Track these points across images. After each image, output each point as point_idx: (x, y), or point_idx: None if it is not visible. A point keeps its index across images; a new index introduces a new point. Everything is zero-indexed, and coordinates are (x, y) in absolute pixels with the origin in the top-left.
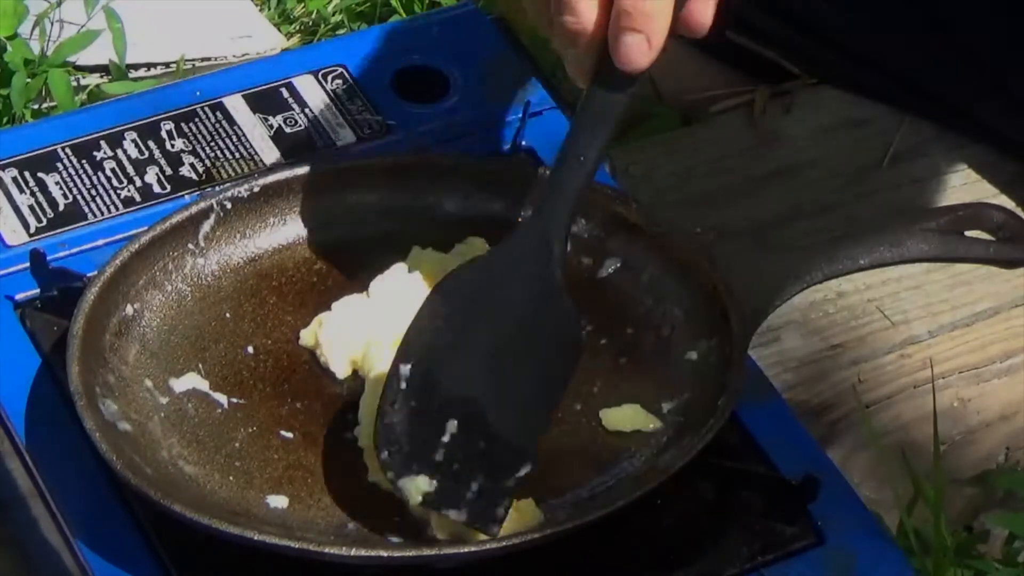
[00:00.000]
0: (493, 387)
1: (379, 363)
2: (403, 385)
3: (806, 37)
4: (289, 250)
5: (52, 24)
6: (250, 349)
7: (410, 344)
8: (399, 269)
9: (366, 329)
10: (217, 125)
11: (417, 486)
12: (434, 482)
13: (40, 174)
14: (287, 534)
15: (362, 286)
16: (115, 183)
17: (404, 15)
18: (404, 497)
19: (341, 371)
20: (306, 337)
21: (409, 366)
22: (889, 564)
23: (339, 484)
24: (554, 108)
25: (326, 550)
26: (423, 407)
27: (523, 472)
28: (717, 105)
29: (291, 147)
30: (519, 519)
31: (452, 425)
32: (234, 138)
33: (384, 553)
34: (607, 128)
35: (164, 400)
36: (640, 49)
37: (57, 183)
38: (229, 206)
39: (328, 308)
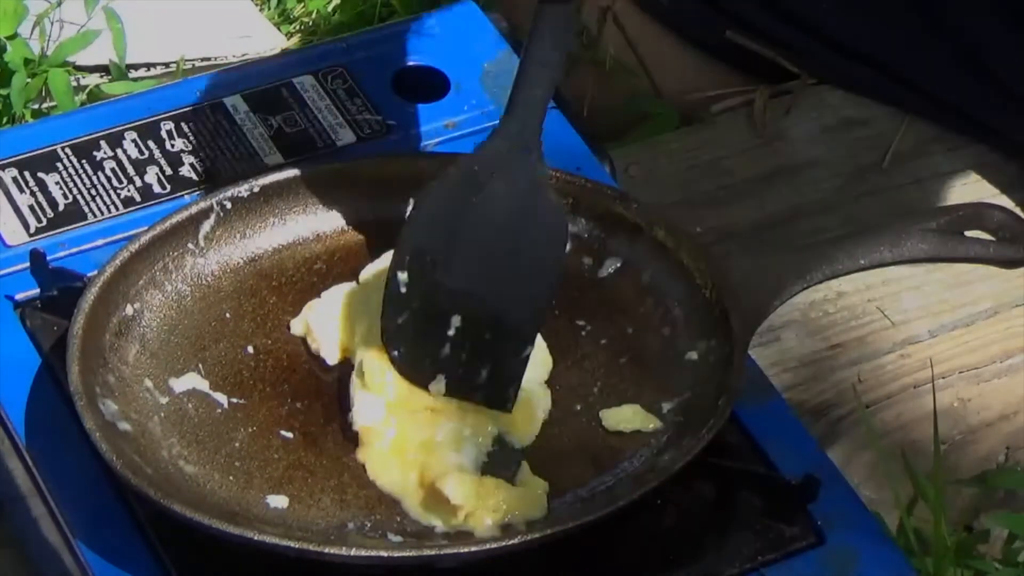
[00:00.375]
0: (489, 281)
1: (369, 347)
2: (403, 290)
3: (806, 37)
4: (289, 250)
5: (52, 24)
6: (250, 349)
7: (403, 251)
8: (389, 256)
9: (355, 314)
10: (217, 125)
11: (434, 387)
12: (443, 378)
13: (40, 174)
14: (287, 534)
15: None
16: (115, 183)
17: (404, 15)
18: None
19: (332, 357)
20: (296, 326)
21: (405, 273)
22: (889, 564)
23: (339, 484)
24: (554, 108)
25: (326, 550)
26: (425, 307)
27: (526, 352)
28: (717, 105)
29: (291, 147)
30: (526, 493)
31: (456, 320)
32: (234, 138)
33: (384, 553)
34: (565, 33)
35: (164, 400)
36: None
37: (57, 183)
38: (229, 206)
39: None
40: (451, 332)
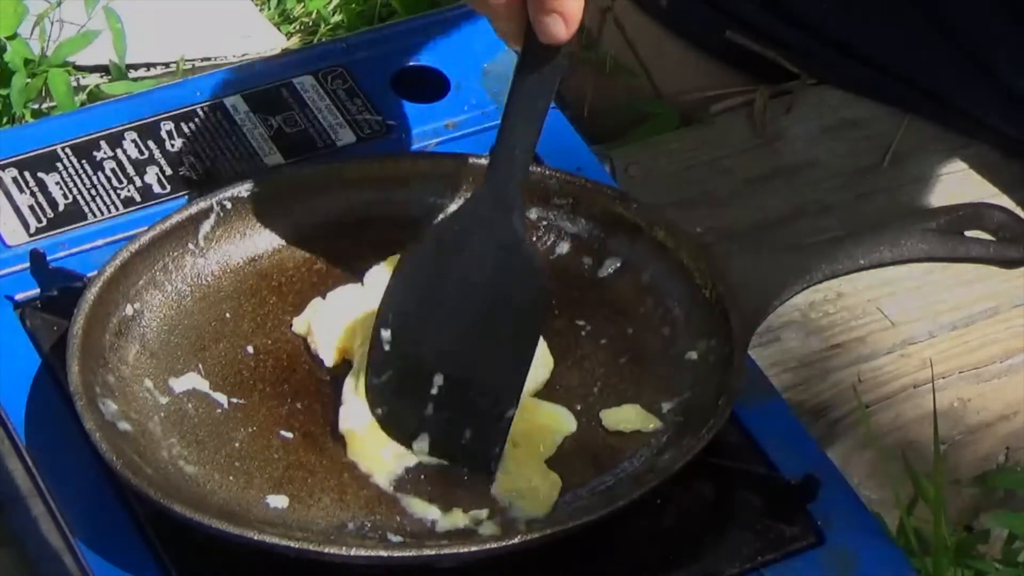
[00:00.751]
0: (470, 342)
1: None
2: (386, 347)
3: (806, 37)
4: (289, 250)
5: (52, 24)
6: (250, 349)
7: (387, 309)
8: (395, 260)
9: (358, 316)
10: (217, 125)
11: (418, 446)
12: (426, 436)
13: (40, 174)
14: (287, 534)
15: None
16: (115, 183)
17: (404, 15)
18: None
19: (330, 359)
20: (299, 325)
21: (389, 331)
22: (889, 564)
23: (339, 484)
24: (554, 108)
25: (326, 550)
26: (408, 365)
27: (509, 414)
28: (717, 105)
29: (291, 147)
30: (542, 484)
31: (438, 379)
32: (234, 138)
33: (384, 553)
34: (548, 89)
35: (164, 400)
36: (558, 26)
37: (57, 183)
38: (229, 206)
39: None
40: (434, 391)
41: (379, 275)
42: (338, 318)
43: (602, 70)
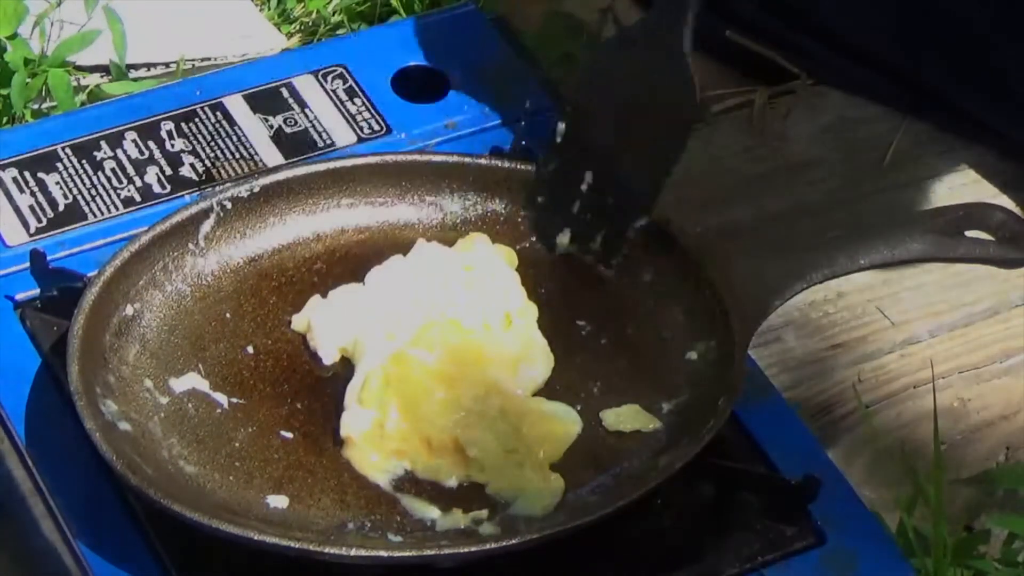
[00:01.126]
0: (621, 139)
1: (369, 351)
2: (558, 139)
3: (806, 37)
4: (289, 250)
5: (52, 24)
6: (250, 349)
7: (564, 103)
8: (397, 260)
9: (359, 317)
10: (217, 125)
11: (560, 239)
12: (569, 231)
13: (40, 174)
14: (287, 534)
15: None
16: (115, 183)
17: (404, 15)
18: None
19: (328, 357)
20: (298, 322)
21: (563, 124)
22: (889, 564)
23: (339, 484)
24: (554, 108)
25: (326, 550)
26: (569, 160)
27: (640, 223)
28: (717, 105)
29: (291, 147)
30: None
31: (588, 176)
32: (234, 138)
33: (384, 553)
34: None
35: (164, 400)
36: None
37: (57, 183)
38: (229, 206)
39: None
40: (583, 187)
41: (379, 275)
42: (338, 316)
43: None
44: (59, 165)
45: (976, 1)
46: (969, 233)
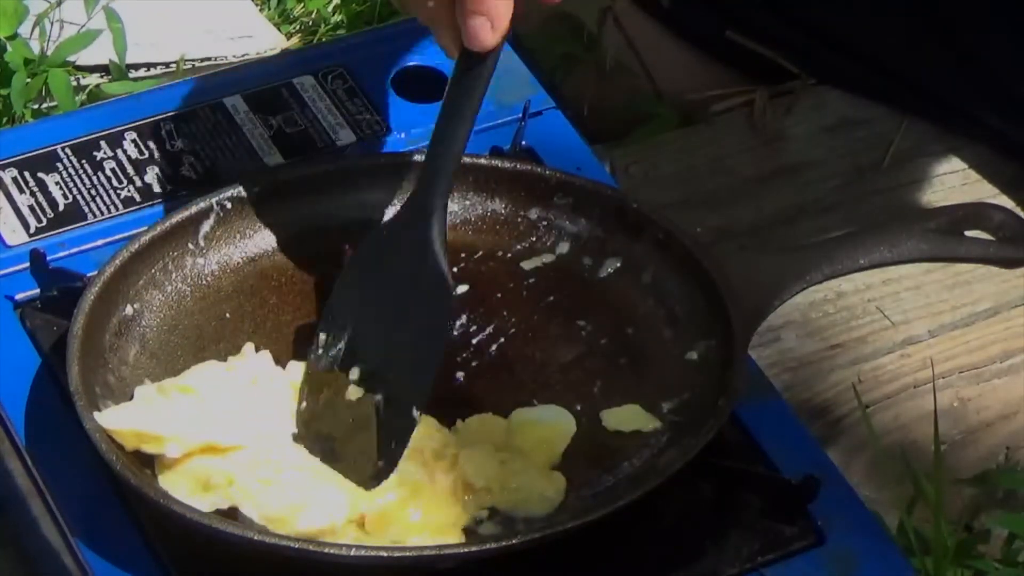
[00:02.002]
0: (380, 350)
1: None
2: (319, 350)
3: (806, 37)
4: (289, 250)
5: (52, 24)
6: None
7: (328, 311)
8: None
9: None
10: (217, 125)
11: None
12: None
13: (40, 174)
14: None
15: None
16: (115, 183)
17: (404, 15)
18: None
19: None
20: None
21: (324, 334)
22: (889, 564)
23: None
24: (554, 108)
25: (326, 550)
26: (334, 361)
27: (411, 423)
28: (717, 105)
29: (291, 147)
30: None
31: (354, 373)
32: (234, 138)
33: (384, 553)
34: (471, 105)
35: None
36: (484, 30)
37: (57, 183)
38: (229, 206)
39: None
40: (349, 384)
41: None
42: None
43: (602, 70)
44: (59, 165)
45: (976, 1)
46: (969, 233)
